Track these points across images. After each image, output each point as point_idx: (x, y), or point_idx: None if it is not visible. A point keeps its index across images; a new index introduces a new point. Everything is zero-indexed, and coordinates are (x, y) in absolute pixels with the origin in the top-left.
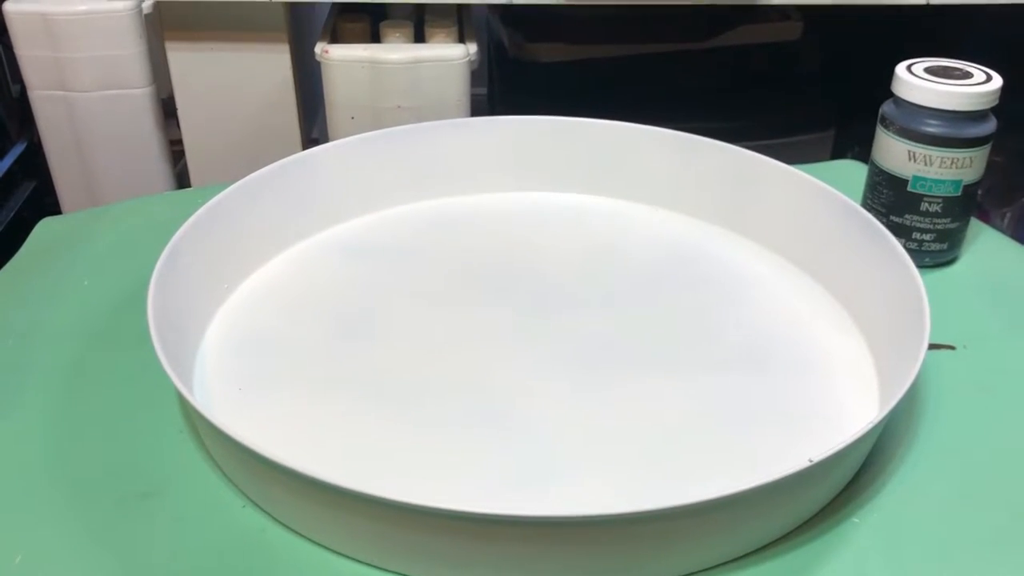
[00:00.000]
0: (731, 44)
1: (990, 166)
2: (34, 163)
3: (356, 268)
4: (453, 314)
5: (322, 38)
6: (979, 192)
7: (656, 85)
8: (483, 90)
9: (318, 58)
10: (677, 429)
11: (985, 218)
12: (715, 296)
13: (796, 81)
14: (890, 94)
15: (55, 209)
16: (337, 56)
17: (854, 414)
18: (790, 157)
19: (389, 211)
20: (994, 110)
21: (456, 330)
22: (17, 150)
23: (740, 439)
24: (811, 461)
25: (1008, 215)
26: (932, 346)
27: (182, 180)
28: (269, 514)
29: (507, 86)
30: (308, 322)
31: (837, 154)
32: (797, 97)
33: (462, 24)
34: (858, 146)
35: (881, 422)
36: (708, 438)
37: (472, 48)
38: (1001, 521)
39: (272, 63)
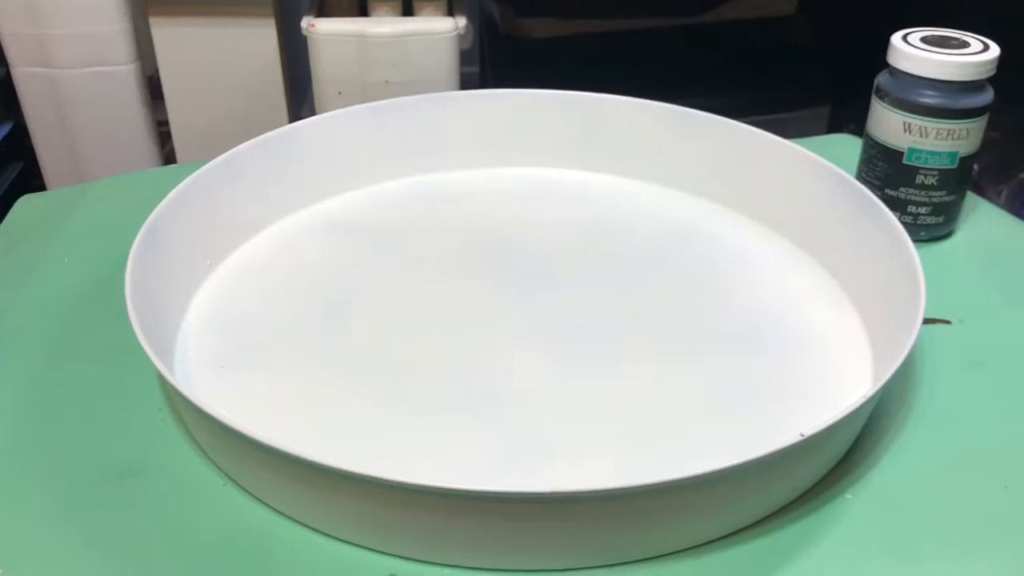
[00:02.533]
0: (725, 19)
1: (986, 143)
2: (21, 144)
3: (342, 245)
4: (442, 291)
5: (308, 12)
6: (975, 166)
7: (650, 61)
8: (475, 69)
9: (304, 32)
10: (672, 407)
11: (981, 195)
12: (710, 273)
13: (791, 56)
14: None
15: (42, 190)
16: (323, 30)
17: (849, 390)
18: (785, 133)
19: (377, 187)
20: (991, 84)
21: (445, 308)
22: (3, 130)
23: (735, 416)
24: (803, 436)
25: (1004, 192)
26: (927, 320)
27: (170, 162)
28: (250, 493)
29: (499, 63)
30: (293, 299)
31: (833, 130)
32: (792, 72)
33: None
34: (854, 122)
35: (874, 397)
36: (703, 416)
37: (461, 21)
38: (995, 496)
39: (258, 38)
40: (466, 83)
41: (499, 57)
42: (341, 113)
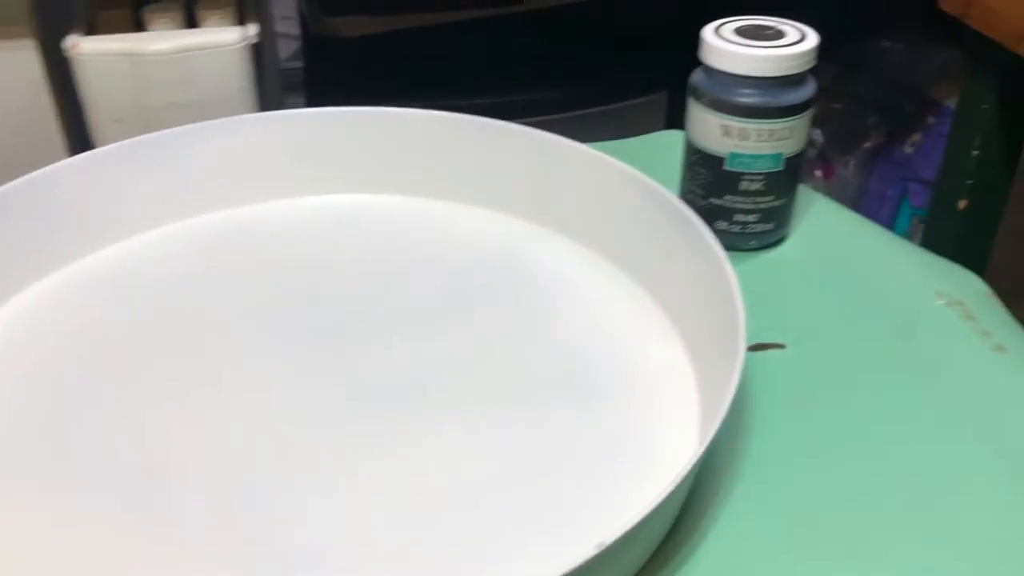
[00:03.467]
0: (550, 5)
1: (830, 113)
2: None
3: (98, 311)
4: (213, 361)
5: (77, 30)
6: (820, 138)
7: (476, 54)
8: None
9: (67, 54)
10: (478, 486)
11: (830, 167)
12: (527, 306)
13: (621, 41)
14: None
15: None
16: (89, 50)
17: (676, 441)
18: (624, 123)
19: (147, 234)
20: (828, 57)
21: (213, 382)
22: None
23: (551, 492)
24: (601, 546)
25: (852, 163)
26: (758, 347)
27: None
28: None
29: (315, 64)
30: (31, 386)
31: (673, 115)
32: (623, 59)
33: (243, 2)
34: None
35: (691, 471)
36: (517, 496)
37: (252, 30)
38: (840, 548)
39: (17, 63)
40: (294, 81)
41: (316, 58)
42: (100, 152)
